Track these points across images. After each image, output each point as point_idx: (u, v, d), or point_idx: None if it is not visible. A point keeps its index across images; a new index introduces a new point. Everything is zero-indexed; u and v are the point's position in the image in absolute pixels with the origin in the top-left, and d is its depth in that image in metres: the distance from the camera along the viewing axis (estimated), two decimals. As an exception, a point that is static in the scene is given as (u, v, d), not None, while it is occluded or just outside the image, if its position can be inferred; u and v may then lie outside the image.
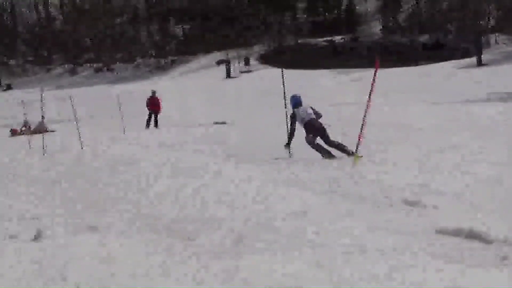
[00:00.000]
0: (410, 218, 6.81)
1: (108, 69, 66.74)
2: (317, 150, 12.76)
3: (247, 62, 58.52)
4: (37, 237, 7.13)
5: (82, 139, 19.96)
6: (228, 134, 18.88)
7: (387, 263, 4.83)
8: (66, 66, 69.72)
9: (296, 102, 13.53)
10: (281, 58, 55.19)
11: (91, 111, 34.84)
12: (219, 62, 60.36)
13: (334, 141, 12.86)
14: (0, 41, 71.80)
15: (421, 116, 20.37)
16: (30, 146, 22.77)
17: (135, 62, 66.79)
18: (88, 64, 68.98)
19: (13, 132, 31.19)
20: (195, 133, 21.03)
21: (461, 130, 15.80)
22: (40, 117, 28.02)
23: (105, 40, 68.51)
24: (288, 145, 13.37)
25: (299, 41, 61.20)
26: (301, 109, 13.38)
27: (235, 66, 56.88)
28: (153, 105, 28.55)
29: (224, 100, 37.88)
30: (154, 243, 5.57)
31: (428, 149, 12.37)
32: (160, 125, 27.68)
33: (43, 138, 20.12)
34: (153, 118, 28.32)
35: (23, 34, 74.37)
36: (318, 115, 13.36)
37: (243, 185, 8.77)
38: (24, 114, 26.07)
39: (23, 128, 30.78)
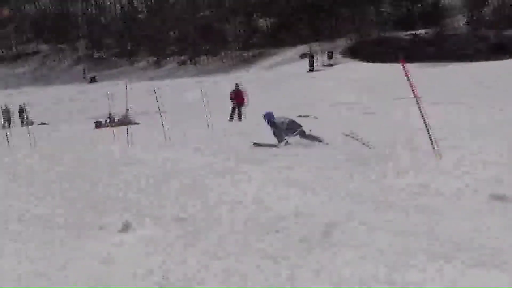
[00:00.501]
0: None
1: (192, 62, 67.30)
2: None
3: (330, 56, 58.06)
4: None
5: (165, 131, 20.09)
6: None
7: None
8: (150, 59, 70.66)
9: (270, 117, 16.78)
10: (364, 51, 54.55)
11: (175, 104, 35.11)
12: (302, 56, 60.07)
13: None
14: (86, 34, 73.35)
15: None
16: (114, 137, 23.06)
17: (219, 55, 67.09)
18: (172, 57, 69.72)
19: (98, 124, 31.77)
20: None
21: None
22: (125, 110, 28.50)
23: (189, 33, 69.07)
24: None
25: (383, 35, 60.27)
26: (277, 119, 16.62)
27: (318, 60, 56.53)
28: (238, 97, 28.57)
29: (307, 93, 37.61)
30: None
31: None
32: (244, 118, 27.68)
33: (127, 130, 20.33)
34: (237, 111, 28.35)
35: (108, 27, 75.72)
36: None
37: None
38: (109, 106, 26.39)
39: (108, 121, 31.27)
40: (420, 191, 7.93)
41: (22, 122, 39.67)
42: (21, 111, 40.63)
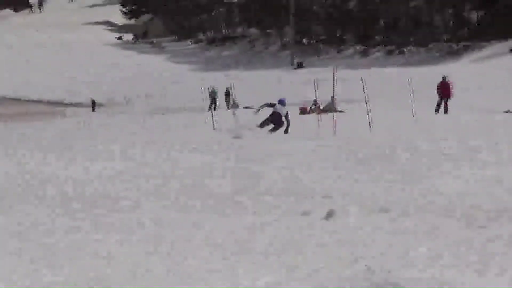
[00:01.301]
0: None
1: (399, 52, 66.37)
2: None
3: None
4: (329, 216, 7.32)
5: (371, 121, 19.99)
6: None
7: None
8: (357, 47, 70.54)
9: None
10: None
11: (381, 94, 34.75)
12: (512, 50, 57.52)
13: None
14: (295, 20, 74.45)
15: None
16: (319, 125, 23.27)
17: (428, 46, 65.66)
18: (380, 46, 69.17)
19: (302, 111, 32.18)
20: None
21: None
22: (329, 97, 28.70)
23: (398, 22, 68.12)
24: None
25: None
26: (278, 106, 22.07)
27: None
28: (444, 90, 27.85)
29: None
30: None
31: None
32: (450, 111, 26.96)
33: (333, 117, 20.42)
34: (442, 103, 27.68)
35: (317, 14, 76.37)
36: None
37: None
38: (315, 93, 26.62)
39: (312, 107, 31.58)
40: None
41: (228, 105, 40.98)
42: (227, 94, 41.85)
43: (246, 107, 39.17)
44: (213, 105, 39.80)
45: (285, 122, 21.96)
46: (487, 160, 10.94)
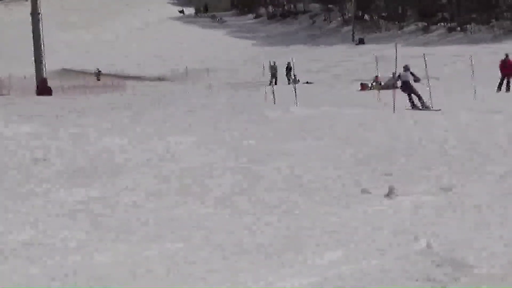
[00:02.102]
0: None
1: (461, 30, 65.58)
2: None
3: None
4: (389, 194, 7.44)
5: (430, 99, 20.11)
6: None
7: None
8: (419, 24, 69.90)
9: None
10: None
11: (442, 72, 34.70)
12: None
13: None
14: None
15: None
16: (378, 99, 23.44)
17: (490, 24, 64.68)
18: (442, 23, 68.43)
19: (363, 87, 32.35)
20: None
21: None
22: (391, 74, 28.74)
23: (461, -1, 67.27)
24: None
25: None
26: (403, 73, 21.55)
27: None
28: (506, 68, 27.68)
29: None
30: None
31: None
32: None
33: (393, 94, 20.56)
34: (505, 81, 27.51)
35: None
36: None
37: None
38: (376, 69, 26.83)
39: (373, 83, 31.74)
40: None
41: (288, 80, 41.29)
42: (288, 69, 42.13)
43: (307, 83, 39.50)
44: (273, 80, 40.22)
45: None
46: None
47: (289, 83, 39.00)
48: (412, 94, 21.01)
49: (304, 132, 12.82)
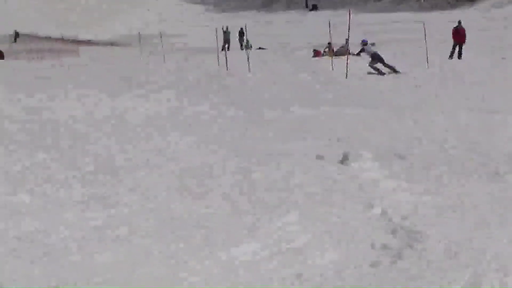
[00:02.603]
0: None
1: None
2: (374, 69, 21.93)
3: None
4: (343, 160, 7.58)
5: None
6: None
7: None
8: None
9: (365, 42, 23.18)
10: None
11: (394, 39, 34.56)
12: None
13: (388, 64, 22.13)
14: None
15: None
16: (332, 68, 23.32)
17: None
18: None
19: (316, 54, 32.07)
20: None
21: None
22: (344, 40, 28.49)
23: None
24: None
25: None
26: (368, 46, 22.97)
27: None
28: (458, 35, 27.61)
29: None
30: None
31: None
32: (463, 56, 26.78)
33: (346, 61, 20.47)
34: (457, 49, 27.47)
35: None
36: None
37: None
38: (330, 35, 26.51)
39: (326, 50, 31.47)
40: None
41: (241, 46, 40.85)
42: (241, 34, 41.64)
43: (259, 48, 39.08)
44: (226, 46, 39.62)
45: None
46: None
47: (241, 49, 38.72)
48: (379, 62, 22.23)
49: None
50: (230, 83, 20.14)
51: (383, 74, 21.68)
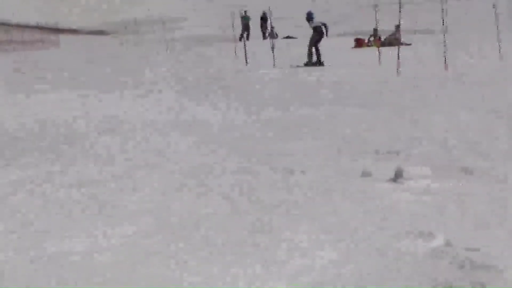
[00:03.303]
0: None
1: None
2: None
3: None
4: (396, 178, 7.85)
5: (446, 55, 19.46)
6: None
7: None
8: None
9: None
10: None
11: (460, 22, 33.85)
12: None
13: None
14: None
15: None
16: (379, 61, 22.69)
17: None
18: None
19: (358, 43, 31.49)
20: None
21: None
22: (394, 26, 27.88)
23: None
24: None
25: None
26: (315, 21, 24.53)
27: None
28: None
29: None
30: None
31: None
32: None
33: (398, 52, 19.81)
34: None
35: None
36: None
37: None
38: (375, 20, 25.98)
39: (371, 39, 30.92)
40: None
41: (264, 34, 40.34)
42: (264, 19, 41.03)
43: (288, 37, 38.55)
44: (245, 34, 38.96)
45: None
46: None
47: (264, 38, 38.22)
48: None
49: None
50: (254, 82, 19.57)
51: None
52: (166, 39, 34.94)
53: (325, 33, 24.14)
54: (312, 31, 24.36)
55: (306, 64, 23.78)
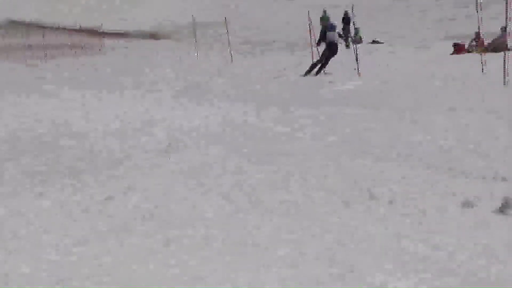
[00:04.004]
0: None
1: None
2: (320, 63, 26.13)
3: None
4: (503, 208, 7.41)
5: None
6: None
7: None
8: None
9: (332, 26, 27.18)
10: None
11: None
12: None
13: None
14: None
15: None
16: (482, 70, 22.75)
17: None
18: None
19: (458, 49, 31.52)
20: None
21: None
22: (499, 29, 28.23)
23: None
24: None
25: None
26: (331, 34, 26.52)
27: None
28: None
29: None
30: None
31: None
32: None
33: (504, 60, 19.71)
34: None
35: None
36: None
37: None
38: (478, 22, 26.18)
39: (472, 43, 31.10)
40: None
41: (346, 40, 40.59)
42: (345, 21, 40.79)
43: (374, 42, 38.84)
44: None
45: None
46: None
47: (346, 44, 38.26)
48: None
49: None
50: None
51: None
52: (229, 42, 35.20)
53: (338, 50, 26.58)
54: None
55: (306, 73, 26.05)
